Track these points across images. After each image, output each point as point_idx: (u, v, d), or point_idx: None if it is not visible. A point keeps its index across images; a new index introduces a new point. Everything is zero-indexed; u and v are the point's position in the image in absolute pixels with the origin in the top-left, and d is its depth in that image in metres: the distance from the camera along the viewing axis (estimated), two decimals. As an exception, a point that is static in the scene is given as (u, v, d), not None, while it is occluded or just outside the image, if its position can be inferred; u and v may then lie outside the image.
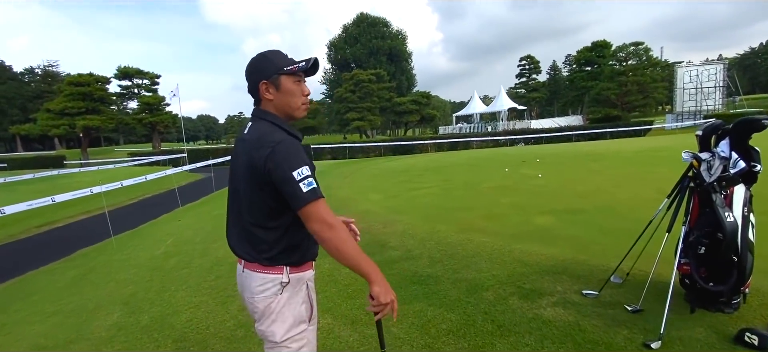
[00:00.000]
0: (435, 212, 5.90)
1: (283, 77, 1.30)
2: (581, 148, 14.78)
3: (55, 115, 33.66)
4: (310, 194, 1.18)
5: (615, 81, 37.81)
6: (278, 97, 1.31)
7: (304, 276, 1.36)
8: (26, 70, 65.00)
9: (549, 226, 4.78)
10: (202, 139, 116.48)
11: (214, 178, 13.56)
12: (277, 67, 1.30)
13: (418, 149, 28.31)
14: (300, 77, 1.34)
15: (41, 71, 63.91)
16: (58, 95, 35.63)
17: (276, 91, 1.31)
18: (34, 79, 62.92)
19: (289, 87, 1.31)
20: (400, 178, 9.56)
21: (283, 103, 1.32)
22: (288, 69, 1.30)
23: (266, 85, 1.30)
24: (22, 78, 63.02)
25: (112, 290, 4.23)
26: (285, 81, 1.31)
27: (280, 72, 1.30)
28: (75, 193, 6.12)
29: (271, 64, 1.31)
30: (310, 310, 1.39)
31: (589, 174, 8.16)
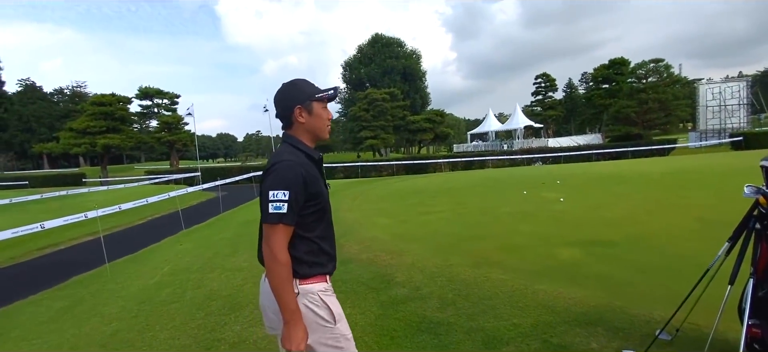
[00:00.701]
0: (447, 240, 5.44)
1: (315, 103, 1.45)
2: (603, 168, 14.09)
3: (77, 133, 34.65)
4: (273, 216, 1.28)
5: (635, 99, 36.74)
6: (310, 120, 1.45)
7: (313, 288, 1.40)
8: (56, 90, 67.91)
9: (576, 261, 4.26)
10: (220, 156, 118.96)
11: (223, 198, 13.38)
12: (309, 94, 1.45)
13: (431, 168, 27.83)
14: (325, 103, 1.50)
15: (69, 92, 66.66)
16: (81, 115, 36.75)
17: (308, 115, 1.45)
18: (63, 99, 65.56)
19: (318, 112, 1.46)
20: (411, 200, 9.12)
21: (313, 126, 1.46)
22: (319, 96, 1.46)
23: (300, 109, 1.44)
24: (52, 98, 65.75)
25: (94, 328, 3.90)
26: (316, 106, 1.46)
27: (312, 98, 1.45)
28: (67, 218, 5.91)
29: (303, 91, 1.46)
30: (331, 312, 1.42)
31: (616, 198, 7.57)
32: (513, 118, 40.91)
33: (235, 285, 4.58)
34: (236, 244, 6.62)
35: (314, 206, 1.40)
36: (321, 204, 1.43)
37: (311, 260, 1.41)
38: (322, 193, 1.43)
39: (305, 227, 1.39)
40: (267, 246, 1.31)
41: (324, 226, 1.47)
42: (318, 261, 1.43)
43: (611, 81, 43.76)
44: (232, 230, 7.94)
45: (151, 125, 46.72)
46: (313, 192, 1.38)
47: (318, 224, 1.44)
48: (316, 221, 1.43)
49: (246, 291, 4.34)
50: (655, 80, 40.88)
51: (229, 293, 4.36)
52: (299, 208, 1.34)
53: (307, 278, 1.40)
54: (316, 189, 1.39)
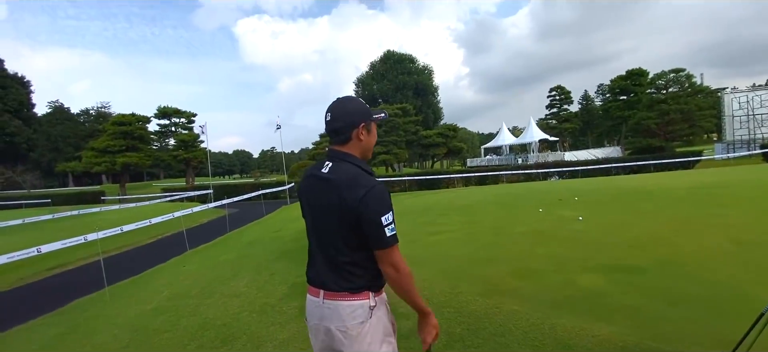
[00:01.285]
0: (456, 264, 5.10)
1: (374, 123, 1.49)
2: (624, 183, 13.45)
3: (98, 153, 35.68)
4: (392, 239, 1.35)
5: (655, 110, 35.67)
6: (368, 139, 1.47)
7: (383, 297, 1.51)
8: (82, 111, 70.53)
9: (598, 289, 3.86)
10: (236, 173, 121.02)
11: (233, 216, 13.31)
12: (370, 113, 1.47)
13: (444, 183, 27.40)
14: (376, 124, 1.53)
15: (95, 112, 69.16)
16: (103, 134, 37.91)
17: (367, 134, 1.47)
18: (88, 119, 67.98)
19: (374, 131, 1.51)
20: (421, 218, 8.79)
21: (369, 145, 1.49)
22: (375, 116, 1.50)
23: (363, 128, 1.44)
24: (78, 119, 68.30)
25: (82, 359, 3.70)
26: (374, 127, 1.50)
27: (373, 119, 1.48)
28: (65, 242, 5.82)
29: (366, 109, 1.47)
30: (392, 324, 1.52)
31: (640, 217, 7.07)
32: (527, 132, 40.25)
33: (231, 313, 4.34)
34: (238, 267, 6.42)
35: None
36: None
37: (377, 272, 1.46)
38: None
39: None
40: (391, 266, 1.38)
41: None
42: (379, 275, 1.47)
43: (629, 92, 42.79)
44: (235, 251, 7.76)
45: (170, 143, 47.86)
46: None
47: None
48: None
49: (241, 320, 4.10)
50: (676, 90, 39.76)
51: (224, 322, 4.12)
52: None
53: (380, 290, 1.49)
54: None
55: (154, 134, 46.47)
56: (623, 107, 42.55)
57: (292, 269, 5.66)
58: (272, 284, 5.19)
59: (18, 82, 47.64)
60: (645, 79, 42.21)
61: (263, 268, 6.06)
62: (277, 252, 7.01)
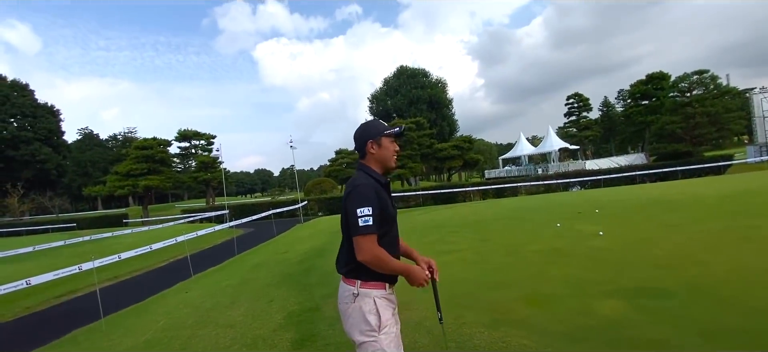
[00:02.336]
0: (463, 289, 4.72)
1: (383, 138, 1.80)
2: (649, 192, 12.72)
3: (121, 176, 36.83)
4: (362, 229, 1.60)
5: (679, 113, 34.23)
6: (379, 152, 1.80)
7: (371, 292, 1.69)
8: (110, 137, 73.77)
9: (620, 318, 3.43)
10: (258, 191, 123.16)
11: (246, 237, 13.23)
12: (380, 130, 1.80)
13: (460, 197, 26.84)
14: (393, 139, 1.83)
15: (121, 137, 72.06)
16: (127, 158, 39.18)
17: (378, 148, 1.80)
18: (116, 144, 70.84)
19: (386, 145, 1.80)
20: (431, 236, 8.42)
21: (382, 157, 1.81)
22: (387, 132, 1.81)
23: (372, 143, 1.79)
24: (106, 144, 71.34)
25: (62, 400, 3.52)
26: (384, 141, 1.80)
27: (381, 134, 1.80)
28: (58, 272, 5.75)
29: (375, 128, 1.82)
30: (379, 321, 1.66)
31: (666, 230, 6.52)
32: (546, 141, 39.28)
33: (222, 346, 4.11)
34: (238, 293, 6.22)
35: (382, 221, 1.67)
36: (388, 221, 1.72)
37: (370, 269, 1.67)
38: (389, 211, 1.72)
39: None
40: (363, 254, 1.61)
41: (389, 239, 1.73)
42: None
43: (651, 96, 41.36)
44: (239, 276, 7.57)
45: (192, 165, 49.11)
46: (384, 209, 1.67)
47: (384, 238, 1.69)
48: (382, 235, 1.68)
49: (230, 355, 3.85)
50: (700, 93, 38.18)
51: (215, 356, 3.88)
52: (379, 218, 1.63)
53: (367, 281, 1.70)
54: (386, 207, 1.69)
55: (176, 157, 47.83)
56: (645, 112, 41.14)
57: (291, 296, 5.41)
58: (269, 312, 4.95)
59: (48, 112, 50.11)
60: (667, 82, 40.78)
61: (262, 294, 5.83)
62: (280, 276, 6.78)
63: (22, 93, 47.48)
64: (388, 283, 1.74)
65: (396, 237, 1.83)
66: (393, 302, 1.80)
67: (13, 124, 46.12)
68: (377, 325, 1.65)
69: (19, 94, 46.78)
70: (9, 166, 44.62)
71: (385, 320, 1.67)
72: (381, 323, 1.65)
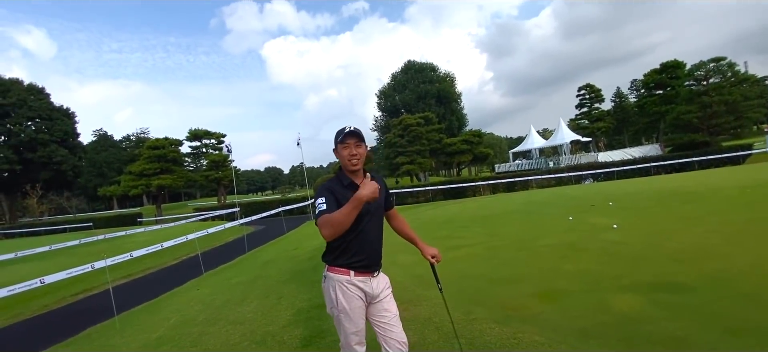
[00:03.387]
0: (473, 284, 4.65)
1: (338, 146, 2.05)
2: (665, 183, 12.40)
3: (135, 176, 37.44)
4: (317, 215, 1.91)
5: (696, 103, 33.25)
6: (340, 159, 2.07)
7: (334, 277, 2.02)
8: (124, 137, 75.00)
9: (637, 313, 3.32)
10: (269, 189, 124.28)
11: (257, 234, 13.31)
12: (335, 141, 2.06)
13: (470, 192, 26.61)
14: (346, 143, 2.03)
15: (135, 138, 73.21)
16: (140, 159, 39.78)
17: (338, 155, 2.07)
18: (129, 145, 71.99)
19: (340, 151, 2.05)
20: (440, 232, 8.34)
21: (342, 162, 2.07)
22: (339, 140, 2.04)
23: (334, 151, 2.08)
24: (120, 145, 72.57)
25: (76, 397, 3.56)
26: (339, 148, 2.05)
27: (337, 143, 2.05)
28: (70, 271, 5.83)
29: (335, 139, 2.07)
30: (336, 305, 2.02)
31: (684, 223, 6.33)
32: (557, 134, 38.70)
33: (231, 343, 4.10)
34: (249, 290, 6.23)
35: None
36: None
37: (336, 253, 2.01)
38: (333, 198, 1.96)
39: None
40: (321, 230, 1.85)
41: (354, 235, 1.95)
42: (341, 255, 2.00)
43: (665, 86, 40.34)
44: (249, 273, 7.61)
45: (203, 164, 49.63)
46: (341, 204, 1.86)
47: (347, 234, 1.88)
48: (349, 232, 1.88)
49: (240, 351, 3.85)
50: (717, 81, 37.08)
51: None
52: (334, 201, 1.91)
53: (332, 265, 2.04)
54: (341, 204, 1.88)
55: (187, 156, 48.38)
56: (659, 102, 40.15)
57: (301, 292, 5.40)
58: (278, 309, 4.94)
59: (64, 114, 51.05)
60: (682, 71, 39.68)
61: (272, 291, 5.83)
62: (289, 273, 6.78)
63: (39, 96, 48.45)
64: (353, 270, 1.99)
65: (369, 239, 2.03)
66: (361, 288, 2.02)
67: (31, 127, 47.16)
68: (336, 307, 2.00)
69: (35, 98, 47.74)
70: (27, 168, 45.67)
71: (343, 307, 1.99)
72: (339, 308, 1.99)
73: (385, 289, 2.14)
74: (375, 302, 2.08)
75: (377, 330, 2.09)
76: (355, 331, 2.04)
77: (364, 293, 2.04)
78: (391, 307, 2.12)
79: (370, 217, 2.03)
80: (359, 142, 2.04)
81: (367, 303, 2.07)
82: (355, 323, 2.03)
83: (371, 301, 2.08)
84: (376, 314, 2.08)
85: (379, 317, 2.08)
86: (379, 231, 2.13)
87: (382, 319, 2.07)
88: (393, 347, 2.04)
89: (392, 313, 2.10)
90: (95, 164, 64.52)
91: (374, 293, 2.06)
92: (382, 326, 2.07)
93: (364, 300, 2.05)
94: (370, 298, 2.06)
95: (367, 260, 2.02)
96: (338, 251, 1.99)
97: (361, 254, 2.00)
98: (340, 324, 2.03)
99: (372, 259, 2.06)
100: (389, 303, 2.12)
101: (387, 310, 2.09)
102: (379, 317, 2.08)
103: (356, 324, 2.03)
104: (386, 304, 2.10)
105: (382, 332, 2.07)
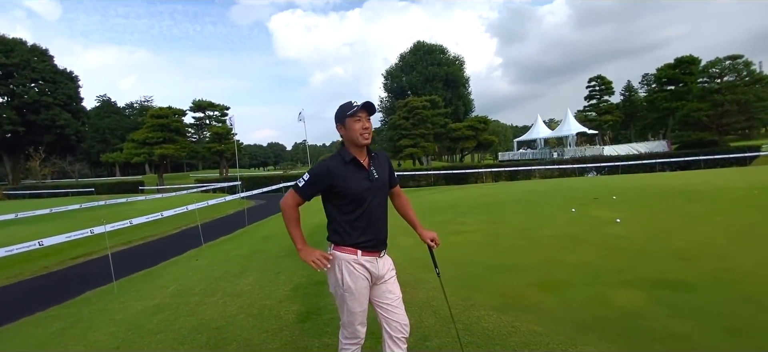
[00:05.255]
0: (473, 271, 4.62)
1: (348, 120, 1.95)
2: (670, 181, 12.27)
3: (137, 144, 37.44)
4: (293, 185, 1.97)
5: (708, 101, 32.73)
6: (346, 134, 1.97)
7: (340, 256, 1.95)
8: (127, 105, 74.74)
9: (637, 309, 3.28)
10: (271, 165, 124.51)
11: (257, 208, 13.33)
12: (344, 113, 1.96)
13: (472, 178, 26.52)
14: (358, 116, 1.94)
15: (138, 106, 72.97)
16: (143, 126, 39.71)
17: (344, 130, 1.97)
18: (133, 112, 71.82)
19: (350, 125, 1.94)
20: (441, 216, 8.30)
21: (349, 137, 1.96)
22: (349, 114, 1.94)
23: (339, 127, 2.00)
24: (124, 112, 72.39)
25: (72, 359, 3.59)
26: (348, 122, 1.95)
27: (345, 117, 1.95)
28: (69, 235, 5.83)
29: (341, 113, 1.98)
30: (342, 284, 1.96)
31: (688, 220, 6.25)
32: (564, 125, 38.26)
33: (228, 315, 4.11)
34: (247, 263, 6.25)
35: (343, 195, 1.90)
36: (349, 196, 1.90)
37: (343, 233, 1.94)
38: (347, 187, 1.90)
39: (340, 210, 1.94)
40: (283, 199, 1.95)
41: (360, 213, 1.93)
42: (349, 234, 1.93)
43: (678, 82, 39.59)
44: (249, 246, 7.62)
45: (206, 136, 49.56)
46: (338, 184, 1.88)
47: (353, 211, 1.92)
48: (351, 209, 1.92)
49: (236, 324, 3.85)
50: (731, 80, 36.39)
51: (219, 325, 3.89)
52: (313, 190, 1.92)
53: (338, 245, 1.97)
54: (342, 182, 1.89)
55: (190, 127, 48.27)
56: (670, 98, 39.49)
57: (299, 268, 5.39)
58: (276, 283, 4.94)
59: (67, 77, 50.63)
60: (696, 67, 38.87)
61: (271, 266, 5.84)
62: (288, 248, 6.78)
63: (42, 58, 47.96)
64: (361, 249, 1.95)
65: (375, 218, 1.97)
66: (367, 268, 1.97)
67: (34, 88, 46.86)
68: (341, 286, 1.95)
69: (39, 60, 47.27)
70: (30, 130, 45.66)
71: (348, 285, 1.94)
72: (344, 287, 1.94)
73: (390, 270, 2.11)
74: (379, 283, 2.05)
75: (379, 311, 2.06)
76: (359, 311, 2.01)
77: (370, 274, 2.00)
78: (395, 289, 2.09)
79: (376, 193, 1.99)
80: (370, 116, 1.99)
81: (371, 284, 2.04)
82: (360, 303, 2.00)
83: (376, 282, 2.05)
84: (380, 295, 2.05)
85: (383, 299, 2.05)
86: (384, 210, 2.08)
87: (385, 300, 2.05)
88: (395, 329, 2.02)
89: (396, 295, 2.07)
90: (98, 130, 64.52)
91: (379, 274, 2.03)
92: (385, 307, 2.05)
93: (370, 281, 2.01)
94: (375, 278, 2.03)
95: (374, 240, 1.99)
96: (344, 231, 1.95)
97: (368, 234, 1.96)
98: (344, 303, 1.99)
99: (379, 238, 2.02)
100: (393, 285, 2.09)
101: (391, 291, 2.06)
102: (382, 298, 2.05)
103: (361, 304, 2.00)
104: (390, 285, 2.08)
105: (385, 314, 2.04)
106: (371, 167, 2.00)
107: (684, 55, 39.39)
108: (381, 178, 2.02)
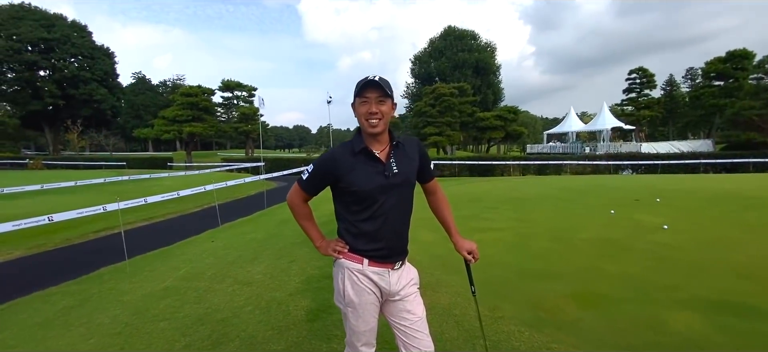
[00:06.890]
0: (501, 275, 4.18)
1: (356, 100, 1.59)
2: (719, 184, 11.23)
3: (167, 121, 38.44)
4: (298, 179, 1.68)
5: (761, 98, 30.11)
6: (357, 117, 1.61)
7: (343, 263, 1.63)
8: (160, 82, 77.27)
9: (698, 337, 2.78)
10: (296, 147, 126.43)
11: (277, 190, 13.25)
12: (355, 92, 1.60)
13: (498, 170, 25.66)
14: (363, 97, 1.56)
15: (171, 84, 75.16)
16: (173, 104, 40.71)
17: (355, 113, 1.61)
18: (166, 90, 74.05)
19: (357, 107, 1.58)
20: (466, 210, 7.83)
21: (358, 121, 1.61)
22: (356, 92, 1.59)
23: (353, 108, 1.62)
24: (157, 89, 74.82)
25: (74, 341, 3.44)
26: (356, 103, 1.59)
27: (355, 96, 1.60)
28: (81, 211, 5.78)
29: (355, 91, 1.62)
30: (343, 298, 1.64)
31: (747, 232, 5.53)
32: (598, 118, 36.41)
33: (235, 305, 3.88)
34: (262, 248, 6.04)
35: (348, 190, 1.56)
36: (356, 193, 1.55)
37: (349, 236, 1.63)
38: (353, 181, 1.55)
39: (348, 209, 1.61)
40: (288, 194, 1.73)
41: (369, 215, 1.57)
42: (355, 239, 1.61)
43: (728, 77, 36.69)
44: (265, 231, 7.45)
45: (234, 115, 50.38)
46: (343, 177, 1.55)
47: (361, 212, 1.57)
48: (358, 209, 1.58)
49: (243, 316, 3.61)
50: (791, 76, 33.34)
51: (223, 317, 3.66)
52: (316, 182, 1.63)
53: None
54: (348, 175, 1.55)
55: (219, 106, 49.18)
56: (718, 94, 36.70)
57: (313, 259, 5.12)
58: (288, 273, 4.69)
59: (104, 54, 52.40)
60: (749, 62, 35.77)
61: (285, 253, 5.60)
62: (304, 236, 6.51)
63: (81, 34, 49.74)
64: (367, 258, 1.60)
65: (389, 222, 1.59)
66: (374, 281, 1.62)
67: (74, 63, 48.82)
68: (342, 298, 1.65)
69: (78, 35, 49.06)
70: (69, 103, 47.68)
71: (350, 299, 1.63)
72: (345, 299, 1.64)
73: (409, 285, 1.71)
74: (394, 301, 1.67)
75: (397, 333, 1.69)
76: (363, 330, 1.66)
77: (379, 289, 1.64)
78: (416, 309, 1.69)
79: (393, 192, 1.58)
80: (383, 98, 1.55)
81: (382, 300, 1.68)
82: (365, 320, 1.64)
83: (389, 298, 1.67)
84: (396, 314, 1.68)
85: (400, 320, 1.67)
86: (403, 214, 1.67)
87: (403, 322, 1.66)
88: None
89: (417, 316, 1.68)
90: (133, 106, 66.94)
91: (393, 290, 1.64)
92: (403, 330, 1.66)
93: (379, 297, 1.65)
94: (387, 295, 1.66)
95: (385, 249, 1.60)
96: (349, 234, 1.62)
97: (379, 242, 1.58)
98: (347, 320, 1.67)
99: (393, 248, 1.63)
100: (413, 304, 1.69)
101: (411, 312, 1.67)
102: (399, 319, 1.67)
103: (366, 322, 1.65)
104: (409, 304, 1.68)
105: (403, 338, 1.66)
106: (391, 159, 1.60)
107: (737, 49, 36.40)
108: (403, 172, 1.61)
